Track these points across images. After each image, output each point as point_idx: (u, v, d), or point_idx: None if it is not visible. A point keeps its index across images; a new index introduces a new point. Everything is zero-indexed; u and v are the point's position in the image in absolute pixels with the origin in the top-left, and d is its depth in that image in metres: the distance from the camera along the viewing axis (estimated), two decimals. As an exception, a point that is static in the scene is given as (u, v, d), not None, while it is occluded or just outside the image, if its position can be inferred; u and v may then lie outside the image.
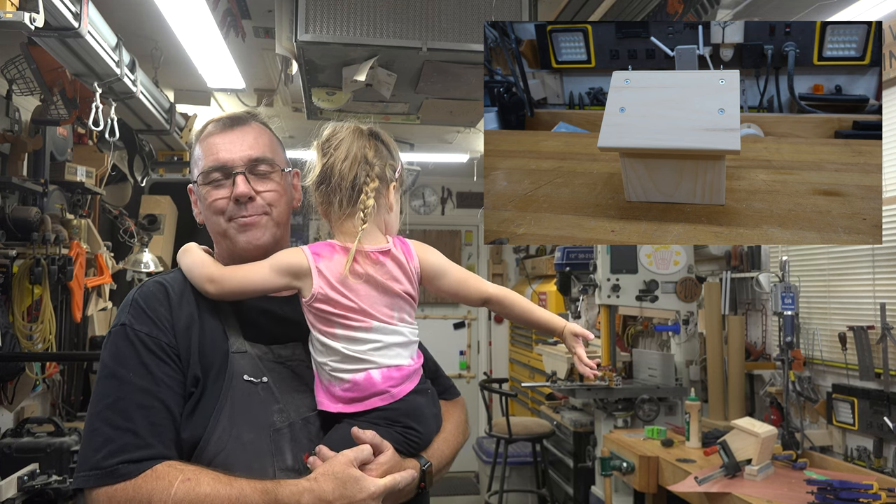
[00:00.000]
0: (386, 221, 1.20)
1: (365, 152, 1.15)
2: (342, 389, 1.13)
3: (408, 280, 1.17)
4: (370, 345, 1.13)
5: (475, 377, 6.70)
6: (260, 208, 1.19)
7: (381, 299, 1.14)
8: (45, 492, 2.40)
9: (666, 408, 3.35)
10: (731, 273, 3.32)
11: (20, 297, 3.10)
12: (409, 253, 1.19)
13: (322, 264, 1.13)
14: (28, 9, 1.83)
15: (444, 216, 6.84)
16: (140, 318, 1.12)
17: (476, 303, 1.26)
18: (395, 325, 1.15)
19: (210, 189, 1.20)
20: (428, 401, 1.21)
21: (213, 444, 1.07)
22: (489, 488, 4.72)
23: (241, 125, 1.23)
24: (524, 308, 1.27)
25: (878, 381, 2.55)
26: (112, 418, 1.05)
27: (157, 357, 1.09)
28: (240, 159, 1.19)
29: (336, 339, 1.12)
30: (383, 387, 1.12)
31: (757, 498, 2.06)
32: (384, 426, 1.12)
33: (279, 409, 1.12)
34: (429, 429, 1.20)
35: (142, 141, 3.83)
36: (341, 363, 1.12)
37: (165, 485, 1.00)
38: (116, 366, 1.09)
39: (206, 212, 1.22)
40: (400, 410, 1.14)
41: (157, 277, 1.21)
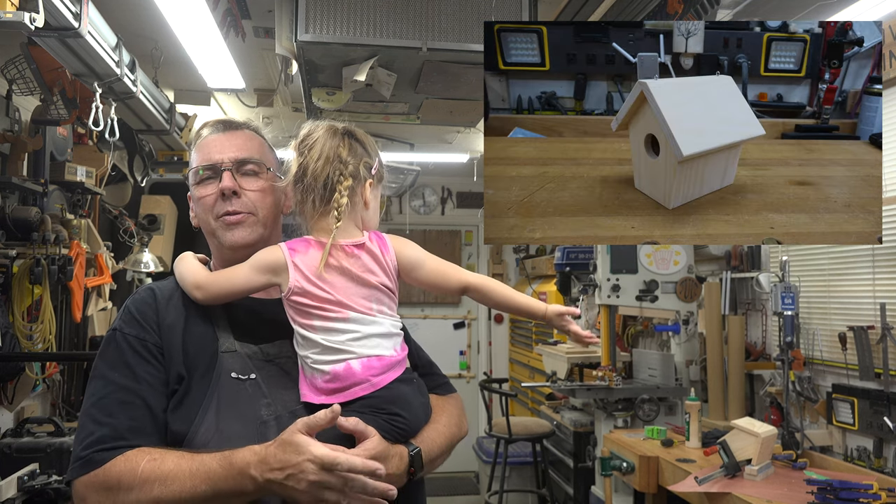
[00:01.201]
0: (363, 218, 1.22)
1: (338, 151, 1.18)
2: (323, 381, 1.15)
3: (384, 273, 1.20)
4: (348, 335, 1.15)
5: (475, 377, 6.70)
6: (245, 206, 1.24)
7: (358, 291, 1.17)
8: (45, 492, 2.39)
9: (666, 408, 3.35)
10: (731, 273, 3.32)
11: (20, 297, 3.10)
12: (384, 246, 1.22)
13: (297, 259, 1.16)
14: (28, 9, 1.83)
15: (444, 216, 6.84)
16: (129, 322, 1.19)
17: (456, 291, 1.27)
18: (373, 315, 1.17)
19: (199, 186, 1.26)
20: (413, 390, 1.22)
21: (200, 437, 1.11)
22: (489, 488, 4.72)
23: (233, 129, 1.30)
24: (505, 295, 1.29)
25: (878, 381, 2.55)
26: (95, 415, 1.11)
27: (141, 357, 1.15)
28: (228, 158, 1.25)
29: (314, 330, 1.15)
30: (364, 376, 1.14)
31: (757, 498, 2.06)
32: (369, 414, 1.13)
33: (267, 404, 1.15)
34: (416, 416, 1.21)
35: (142, 141, 3.83)
36: (321, 355, 1.14)
37: (133, 466, 1.06)
38: (104, 367, 1.16)
39: (198, 210, 1.28)
40: (384, 398, 1.15)
41: (149, 284, 1.28)
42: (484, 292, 1.28)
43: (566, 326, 1.27)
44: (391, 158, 5.15)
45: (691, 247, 3.47)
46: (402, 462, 1.14)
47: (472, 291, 1.27)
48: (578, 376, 4.05)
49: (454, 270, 1.28)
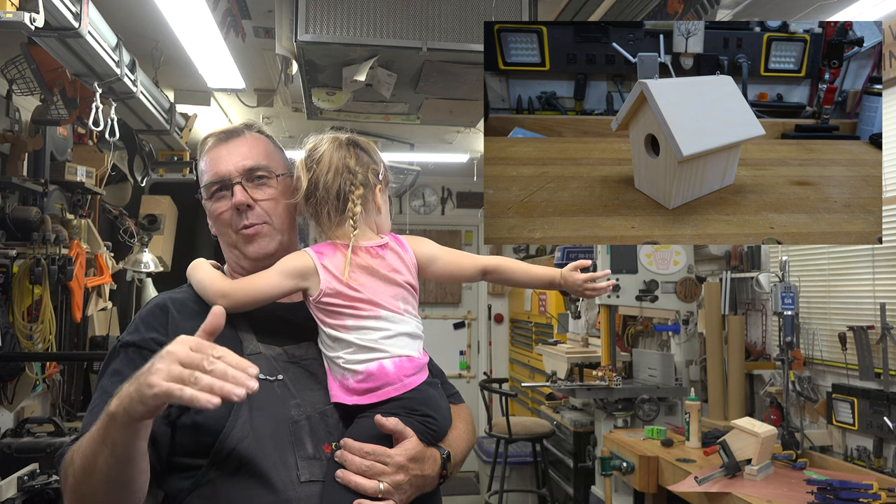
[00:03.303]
0: (376, 223, 1.25)
1: (346, 162, 1.21)
2: (356, 381, 1.15)
3: (408, 270, 1.23)
4: (381, 332, 1.16)
5: (475, 377, 6.70)
6: (260, 217, 1.24)
7: (386, 289, 1.19)
8: (45, 492, 2.40)
9: (666, 408, 3.35)
10: (731, 273, 3.32)
11: (20, 297, 3.10)
12: (403, 246, 1.25)
13: (326, 261, 1.18)
14: (28, 9, 1.83)
15: (444, 216, 6.84)
16: (134, 332, 1.18)
17: (475, 277, 1.32)
18: (402, 314, 1.19)
19: (214, 203, 1.26)
20: (441, 393, 1.25)
21: (234, 437, 1.09)
22: (489, 488, 4.72)
23: (235, 137, 1.29)
24: (523, 269, 1.34)
25: (878, 381, 2.55)
26: (88, 423, 1.09)
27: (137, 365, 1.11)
28: (235, 170, 1.24)
29: (347, 330, 1.16)
30: (396, 376, 1.15)
31: (757, 498, 2.06)
32: (404, 415, 1.14)
33: (296, 404, 1.15)
34: (445, 418, 1.23)
35: (142, 141, 3.83)
36: (354, 354, 1.15)
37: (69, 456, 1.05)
38: (103, 378, 1.16)
39: (216, 225, 1.28)
40: (416, 399, 1.16)
41: (161, 294, 1.27)
42: (502, 271, 1.32)
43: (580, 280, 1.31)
44: (391, 158, 5.15)
45: (691, 247, 3.47)
46: (435, 464, 1.16)
47: (491, 273, 1.32)
48: (578, 376, 4.05)
49: (468, 258, 1.32)
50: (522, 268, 1.34)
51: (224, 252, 1.30)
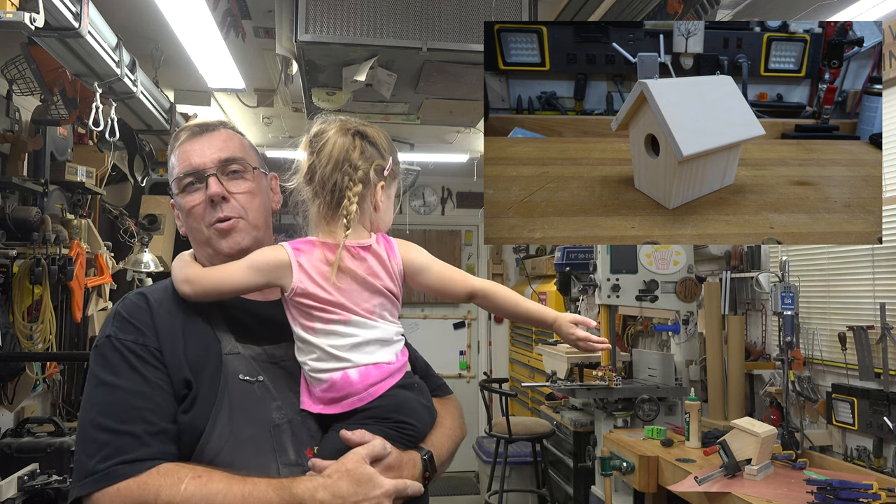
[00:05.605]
0: (372, 220, 1.19)
1: (349, 155, 1.14)
2: (321, 390, 1.13)
3: (389, 277, 1.16)
4: (348, 339, 1.12)
5: (475, 377, 6.70)
6: (235, 210, 1.21)
7: (361, 294, 1.14)
8: (45, 492, 2.40)
9: (666, 408, 3.35)
10: (730, 273, 3.32)
11: (20, 297, 3.10)
12: (391, 250, 1.18)
13: (302, 258, 1.13)
14: (28, 9, 1.83)
15: (444, 216, 6.84)
16: (125, 328, 1.13)
17: (462, 298, 1.24)
18: (374, 320, 1.15)
19: (185, 196, 1.22)
20: (416, 394, 1.20)
21: (214, 441, 1.07)
22: (489, 488, 4.72)
23: (210, 131, 1.25)
24: (513, 301, 1.25)
25: (877, 381, 2.55)
26: (106, 424, 1.05)
27: (147, 362, 1.10)
28: (210, 161, 1.21)
29: (315, 333, 1.12)
30: (360, 386, 1.12)
31: (757, 498, 2.06)
32: (374, 424, 1.11)
33: (277, 407, 1.12)
34: (422, 420, 1.19)
35: (142, 141, 3.83)
36: (318, 362, 1.12)
37: (174, 481, 1.00)
38: (106, 374, 1.09)
39: (187, 220, 1.23)
40: (386, 407, 1.13)
41: (138, 290, 1.23)
42: (491, 298, 1.24)
43: (575, 333, 1.23)
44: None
45: (691, 247, 3.47)
46: (415, 468, 1.13)
47: (479, 298, 1.24)
48: (578, 376, 4.04)
49: (460, 276, 1.24)
50: (514, 299, 1.25)
51: (195, 250, 1.25)
